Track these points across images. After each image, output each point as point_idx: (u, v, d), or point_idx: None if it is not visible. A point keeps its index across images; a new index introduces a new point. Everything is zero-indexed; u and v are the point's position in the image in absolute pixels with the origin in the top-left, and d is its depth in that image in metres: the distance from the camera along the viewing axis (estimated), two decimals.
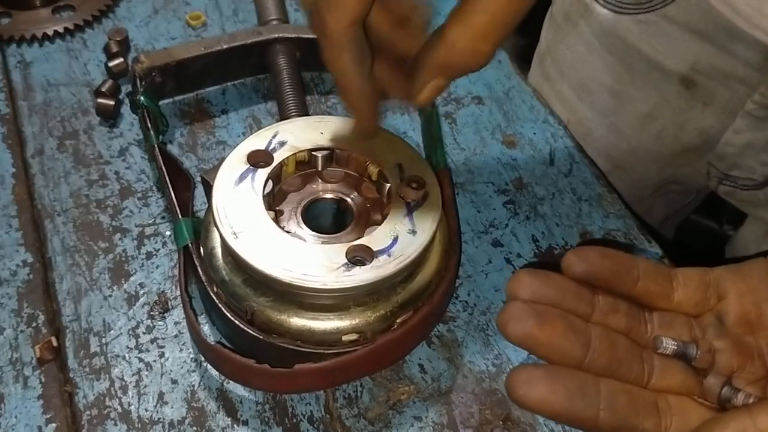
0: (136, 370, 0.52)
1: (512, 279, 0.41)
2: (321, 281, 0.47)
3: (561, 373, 0.38)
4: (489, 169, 0.65)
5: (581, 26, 0.76)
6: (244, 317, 0.50)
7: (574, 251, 0.42)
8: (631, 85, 0.74)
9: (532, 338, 0.39)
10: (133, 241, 0.59)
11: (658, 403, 0.40)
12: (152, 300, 0.55)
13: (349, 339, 0.50)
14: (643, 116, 0.75)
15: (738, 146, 0.70)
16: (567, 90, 0.79)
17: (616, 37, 0.73)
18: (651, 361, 0.41)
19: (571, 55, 0.79)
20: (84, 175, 0.63)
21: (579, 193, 0.64)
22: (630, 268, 0.43)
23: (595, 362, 0.40)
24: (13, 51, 0.72)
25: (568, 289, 0.41)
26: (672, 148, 0.76)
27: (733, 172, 0.73)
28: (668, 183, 0.80)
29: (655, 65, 0.71)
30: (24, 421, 0.49)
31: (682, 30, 0.68)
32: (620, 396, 0.39)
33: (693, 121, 0.72)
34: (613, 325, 0.42)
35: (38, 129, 0.66)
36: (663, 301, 0.44)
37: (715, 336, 0.43)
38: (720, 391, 0.41)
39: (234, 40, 0.66)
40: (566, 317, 0.40)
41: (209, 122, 0.67)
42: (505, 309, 0.39)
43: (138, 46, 0.73)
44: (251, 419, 0.50)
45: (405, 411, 0.51)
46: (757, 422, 0.36)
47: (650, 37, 0.70)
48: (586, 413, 0.38)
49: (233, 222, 0.50)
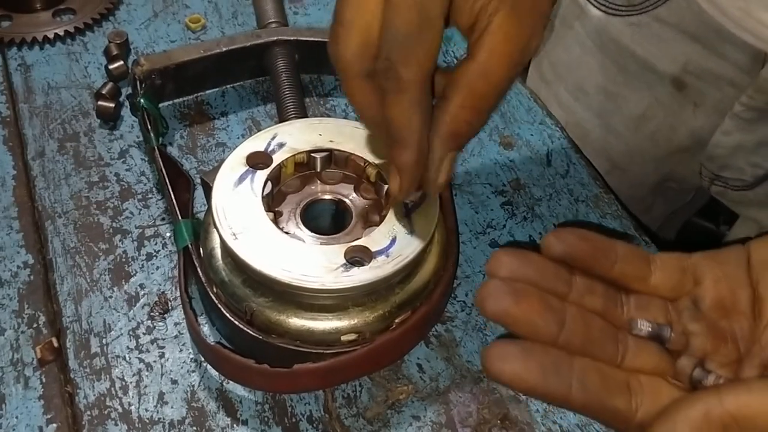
0: (137, 371, 0.52)
1: (492, 258, 0.41)
2: (320, 282, 0.48)
3: (535, 350, 0.39)
4: (486, 170, 0.65)
5: (576, 28, 0.77)
6: (244, 318, 0.51)
7: (554, 232, 0.43)
8: (625, 86, 0.75)
9: (509, 315, 0.39)
10: (133, 243, 0.59)
11: (630, 383, 0.41)
12: (152, 301, 0.56)
13: (347, 339, 0.50)
14: (637, 117, 0.76)
15: (727, 147, 0.71)
16: (564, 92, 0.79)
17: (610, 38, 0.73)
18: (625, 342, 0.42)
19: (567, 57, 0.79)
20: (84, 177, 0.63)
21: (576, 194, 0.64)
22: (608, 251, 0.43)
23: (570, 341, 0.40)
24: (14, 54, 0.72)
25: (546, 269, 0.42)
26: (666, 149, 0.76)
27: (724, 173, 0.73)
28: (665, 181, 0.81)
29: (648, 66, 0.72)
30: (25, 421, 0.50)
31: (674, 31, 0.68)
32: (592, 374, 0.40)
33: (684, 122, 0.73)
34: (589, 306, 0.42)
35: (39, 131, 0.66)
36: (640, 284, 0.44)
37: (690, 319, 0.44)
38: (691, 372, 0.41)
39: (233, 43, 0.66)
40: (542, 296, 0.41)
41: (209, 124, 0.67)
42: (483, 286, 0.40)
43: (138, 49, 0.73)
44: (251, 419, 0.50)
45: (403, 410, 0.51)
46: (723, 402, 0.36)
47: (642, 39, 0.71)
48: (558, 389, 0.38)
49: (233, 223, 0.50)
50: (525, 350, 0.39)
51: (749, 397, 0.36)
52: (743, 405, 0.36)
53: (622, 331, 0.42)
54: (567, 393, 0.39)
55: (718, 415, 0.36)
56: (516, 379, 0.38)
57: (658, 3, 0.68)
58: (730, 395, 0.36)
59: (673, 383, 0.42)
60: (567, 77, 0.79)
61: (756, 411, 0.36)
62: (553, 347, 0.40)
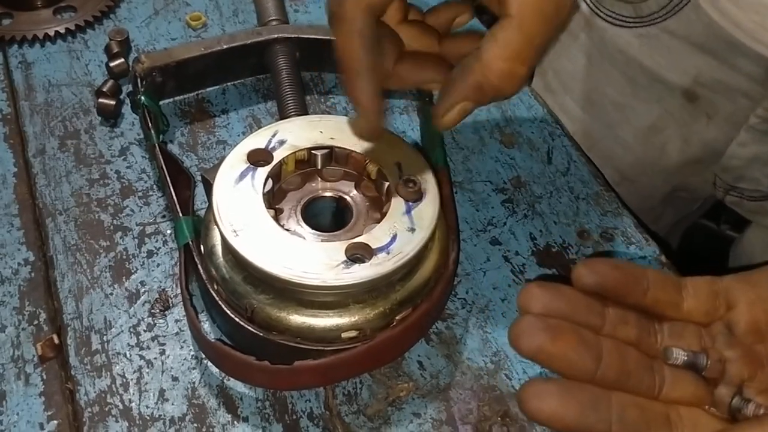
0: (137, 368, 0.52)
1: (523, 292, 0.41)
2: (320, 279, 0.48)
3: (573, 387, 0.38)
4: (487, 167, 0.65)
5: (582, 39, 0.76)
6: (245, 315, 0.51)
7: (584, 263, 0.42)
8: (634, 97, 0.74)
9: (544, 352, 0.39)
10: (134, 240, 0.59)
11: (670, 415, 0.40)
12: (153, 298, 0.56)
13: (348, 336, 0.50)
14: (647, 128, 0.75)
15: (743, 159, 0.70)
16: (570, 102, 0.79)
17: (617, 50, 0.72)
18: (662, 371, 0.41)
19: (573, 67, 0.78)
20: (85, 174, 0.63)
21: (576, 192, 0.64)
22: (639, 279, 0.43)
23: (606, 375, 0.40)
24: (15, 51, 0.72)
25: (579, 302, 0.41)
26: (677, 160, 0.75)
27: (740, 184, 0.72)
28: (675, 191, 0.80)
29: (657, 78, 0.71)
30: (26, 418, 0.50)
31: (684, 43, 0.67)
32: (631, 409, 0.39)
33: (697, 133, 0.72)
34: (623, 337, 0.42)
35: (40, 129, 0.66)
36: (672, 310, 0.44)
37: (725, 345, 0.43)
38: (730, 402, 0.41)
39: (234, 40, 0.66)
40: (578, 331, 0.40)
41: (209, 122, 0.67)
42: (517, 323, 0.39)
43: (138, 46, 0.73)
44: (251, 416, 0.50)
45: (404, 407, 0.51)
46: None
47: (651, 51, 0.70)
48: (597, 427, 0.38)
49: (233, 220, 0.50)
50: (562, 388, 0.38)
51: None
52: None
53: (657, 361, 0.42)
54: (608, 430, 0.38)
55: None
56: (554, 418, 0.38)
57: (667, 15, 0.67)
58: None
59: (712, 413, 0.41)
60: (573, 87, 0.78)
61: None
62: (589, 383, 0.39)
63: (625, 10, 0.70)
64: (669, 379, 0.41)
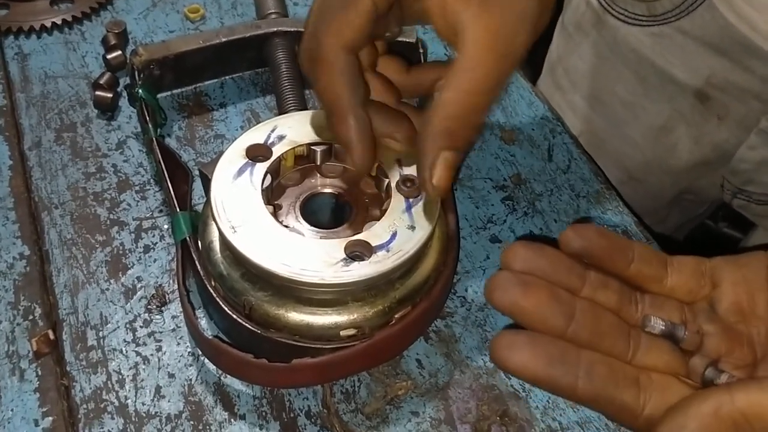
0: (133, 364, 0.52)
1: (507, 249, 0.41)
2: (319, 276, 0.47)
3: (542, 340, 0.39)
4: (487, 164, 0.65)
5: (593, 36, 0.75)
6: (242, 311, 0.50)
7: (573, 227, 0.43)
8: (645, 97, 0.73)
9: (516, 306, 0.39)
10: (130, 235, 0.59)
11: (640, 378, 0.41)
12: (150, 294, 0.55)
13: (347, 334, 0.50)
14: (657, 128, 0.74)
15: (753, 162, 0.70)
16: (579, 100, 0.78)
17: (629, 48, 0.72)
18: (638, 339, 0.42)
19: (583, 65, 0.77)
20: (81, 167, 0.62)
21: (577, 190, 0.64)
22: (625, 249, 0.43)
23: (578, 334, 0.40)
24: (11, 43, 0.72)
25: (561, 262, 0.42)
26: (686, 161, 0.75)
27: (748, 187, 0.72)
28: (683, 194, 0.79)
29: (669, 78, 0.70)
30: (20, 414, 0.49)
31: (697, 44, 0.66)
32: (600, 366, 0.39)
33: (708, 135, 0.71)
34: (602, 301, 0.42)
35: (36, 121, 0.65)
36: (656, 284, 0.44)
37: (705, 321, 0.43)
38: (704, 371, 0.41)
39: (233, 33, 0.65)
40: (551, 288, 0.40)
41: (207, 116, 0.67)
42: (493, 277, 0.40)
43: (136, 38, 0.73)
44: (248, 413, 0.50)
45: (402, 406, 0.51)
46: (735, 399, 0.36)
47: (664, 50, 0.69)
48: (564, 380, 0.38)
49: (231, 216, 0.49)
50: (532, 340, 0.39)
51: (761, 395, 0.35)
52: (755, 403, 0.35)
53: (635, 329, 0.42)
54: (574, 384, 0.38)
55: (728, 412, 0.35)
56: (522, 369, 0.38)
57: (681, 14, 0.66)
58: (741, 392, 0.36)
59: (685, 382, 0.41)
60: (582, 85, 0.78)
61: (767, 408, 0.35)
62: (561, 339, 0.39)
63: (638, 9, 0.69)
64: (644, 346, 0.42)
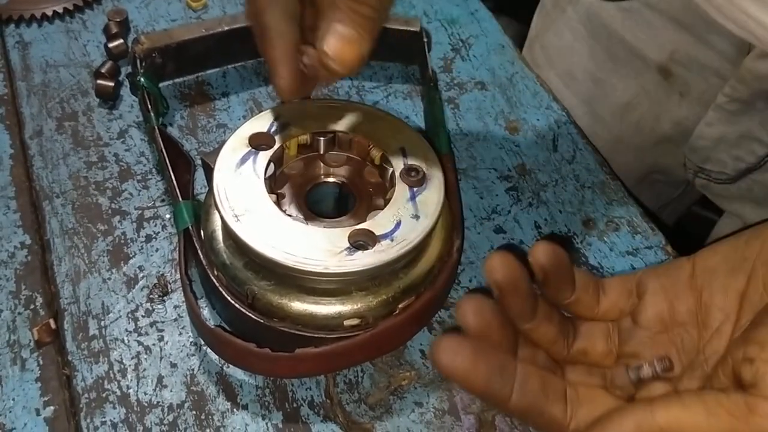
0: (135, 354, 0.51)
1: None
2: (323, 265, 0.47)
3: (484, 351, 0.39)
4: (492, 155, 0.64)
5: (569, 12, 0.77)
6: (245, 301, 0.50)
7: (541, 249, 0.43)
8: (614, 73, 0.74)
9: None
10: (132, 224, 0.58)
11: (567, 391, 0.42)
12: (151, 283, 0.55)
13: (350, 324, 0.49)
14: (623, 105, 0.75)
15: (710, 139, 0.70)
16: (554, 77, 0.79)
17: (601, 24, 0.73)
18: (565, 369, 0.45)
19: (559, 42, 0.79)
20: (83, 156, 0.62)
21: (582, 180, 0.63)
22: (571, 278, 0.45)
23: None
24: (12, 31, 0.71)
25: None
26: (650, 138, 0.76)
27: (707, 165, 0.73)
28: (651, 173, 0.80)
29: (636, 53, 0.71)
30: (22, 403, 0.49)
31: (663, 18, 0.68)
32: (533, 379, 0.40)
33: (669, 111, 0.72)
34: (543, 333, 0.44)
35: (37, 110, 0.65)
36: (589, 312, 0.46)
37: (627, 337, 0.45)
38: (626, 371, 0.42)
39: (235, 22, 0.65)
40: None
41: (209, 105, 0.66)
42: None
43: (138, 27, 0.72)
44: (251, 403, 0.50)
45: (406, 397, 0.51)
46: (656, 416, 0.36)
47: (633, 25, 0.70)
48: (501, 392, 0.39)
49: (234, 205, 0.49)
50: (476, 350, 0.39)
51: (681, 411, 0.36)
52: (674, 419, 0.36)
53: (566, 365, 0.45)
54: (508, 397, 0.39)
55: (648, 428, 0.36)
56: (463, 377, 0.39)
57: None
58: (662, 409, 0.36)
59: (612, 394, 0.43)
60: (557, 62, 0.79)
61: (686, 426, 0.36)
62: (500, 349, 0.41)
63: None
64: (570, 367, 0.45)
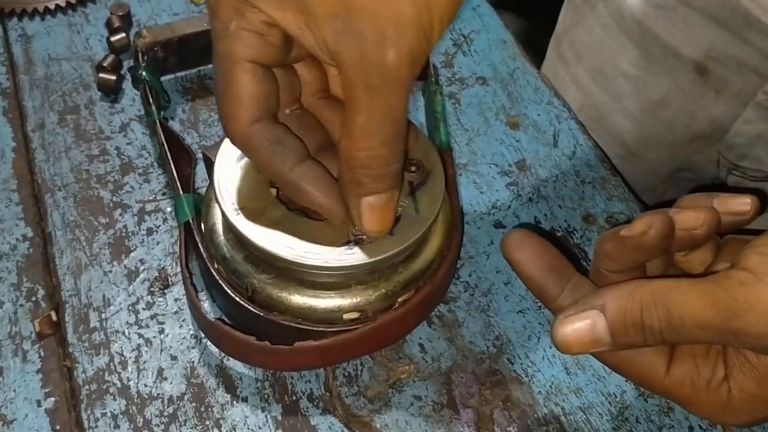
0: (136, 346, 0.52)
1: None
2: (323, 259, 0.47)
3: (550, 249, 0.46)
4: (492, 150, 0.64)
5: (600, 8, 0.75)
6: (245, 294, 0.50)
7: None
8: (647, 70, 0.73)
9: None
10: (133, 217, 0.58)
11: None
12: (152, 276, 0.55)
13: (350, 317, 0.50)
14: (655, 102, 0.74)
15: (748, 137, 0.70)
16: (582, 73, 0.78)
17: (634, 21, 0.72)
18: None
19: (588, 37, 0.77)
20: (85, 150, 0.62)
21: (582, 176, 0.63)
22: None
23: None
24: (14, 24, 0.71)
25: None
26: (683, 136, 0.75)
27: (743, 163, 0.72)
28: (680, 171, 0.80)
29: (671, 51, 0.70)
30: (23, 394, 0.49)
31: (700, 15, 0.67)
32: (585, 287, 0.46)
33: (704, 109, 0.72)
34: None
35: (39, 103, 0.65)
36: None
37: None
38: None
39: None
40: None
41: (211, 99, 0.66)
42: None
43: (140, 21, 0.72)
44: (251, 396, 0.50)
45: (405, 390, 0.51)
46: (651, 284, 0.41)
47: (667, 22, 0.69)
48: (552, 290, 0.46)
49: (235, 198, 0.49)
50: (543, 245, 0.46)
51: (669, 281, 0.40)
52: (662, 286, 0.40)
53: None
54: (557, 296, 0.46)
55: (639, 293, 0.40)
56: (524, 265, 0.46)
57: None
58: (658, 282, 0.40)
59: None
60: (586, 58, 0.78)
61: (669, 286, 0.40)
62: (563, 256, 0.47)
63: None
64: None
